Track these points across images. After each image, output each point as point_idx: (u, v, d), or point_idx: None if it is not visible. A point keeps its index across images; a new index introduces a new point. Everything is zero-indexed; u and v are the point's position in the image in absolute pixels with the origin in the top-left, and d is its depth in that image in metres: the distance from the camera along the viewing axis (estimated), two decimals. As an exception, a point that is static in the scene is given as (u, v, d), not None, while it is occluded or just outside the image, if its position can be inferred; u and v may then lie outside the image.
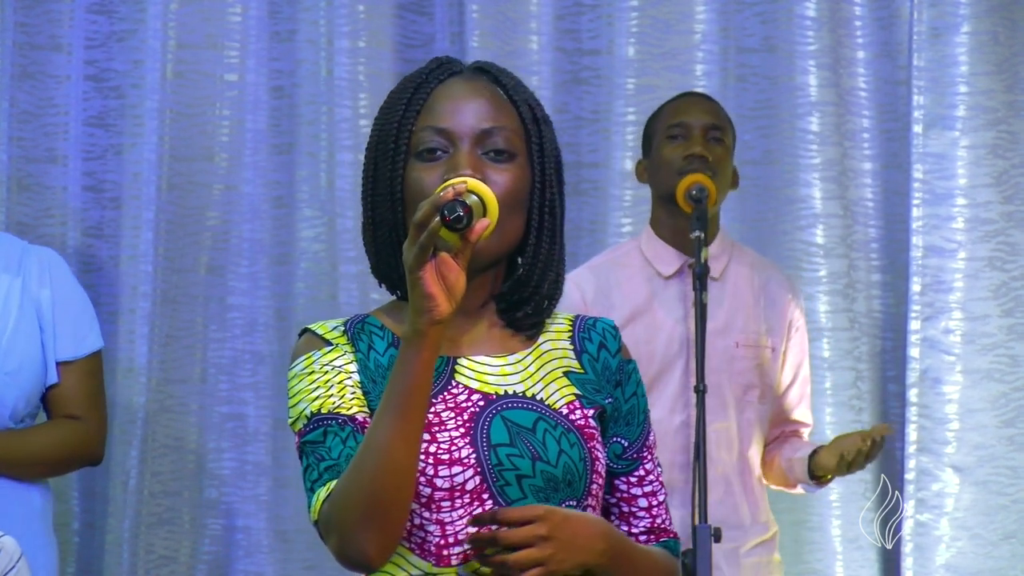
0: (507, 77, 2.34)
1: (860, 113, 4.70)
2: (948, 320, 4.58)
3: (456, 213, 2.07)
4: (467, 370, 2.28)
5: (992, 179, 4.60)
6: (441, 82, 2.31)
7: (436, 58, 2.36)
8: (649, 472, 2.35)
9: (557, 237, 2.34)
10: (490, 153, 2.27)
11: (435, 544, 2.21)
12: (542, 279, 2.33)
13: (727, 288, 3.98)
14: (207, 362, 4.68)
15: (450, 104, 2.28)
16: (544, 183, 2.31)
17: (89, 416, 3.77)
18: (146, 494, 4.59)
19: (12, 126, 4.64)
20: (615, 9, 4.72)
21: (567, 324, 2.37)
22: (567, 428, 2.25)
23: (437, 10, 4.75)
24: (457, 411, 2.24)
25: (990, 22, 4.60)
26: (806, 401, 4.08)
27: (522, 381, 2.28)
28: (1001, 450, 4.55)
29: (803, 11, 4.68)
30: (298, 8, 4.72)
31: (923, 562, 4.54)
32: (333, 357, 2.28)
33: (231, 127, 4.71)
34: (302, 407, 2.25)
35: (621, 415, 2.34)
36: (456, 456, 2.21)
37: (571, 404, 2.28)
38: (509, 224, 2.26)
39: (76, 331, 3.76)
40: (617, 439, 2.33)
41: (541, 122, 2.33)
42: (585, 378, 2.32)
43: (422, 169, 2.26)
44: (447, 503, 2.20)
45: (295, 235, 4.69)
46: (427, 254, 2.09)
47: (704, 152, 3.94)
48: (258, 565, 4.64)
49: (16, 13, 4.66)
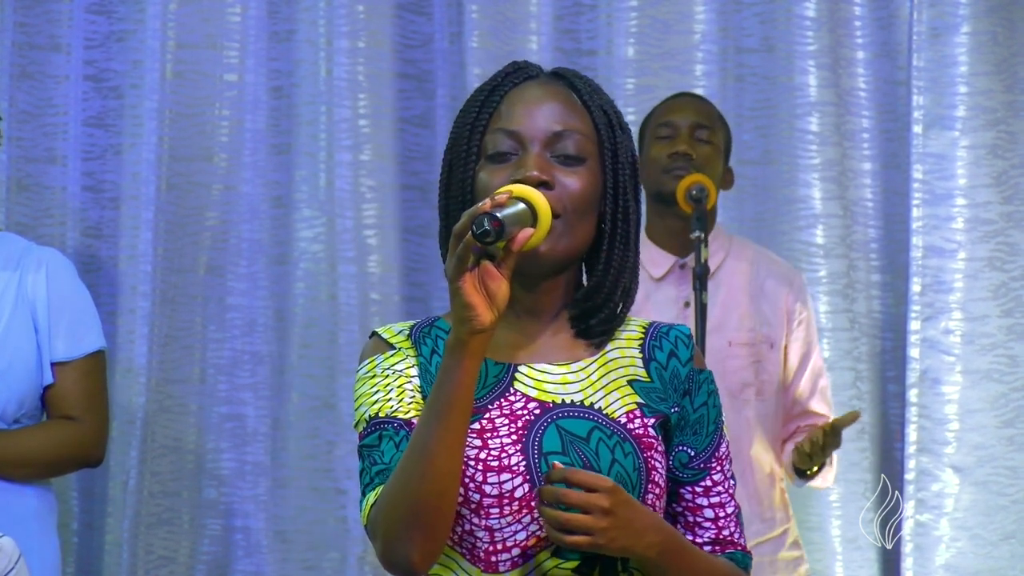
0: (583, 82, 2.33)
1: (860, 113, 4.70)
2: (948, 320, 4.58)
3: (483, 227, 2.06)
4: (527, 378, 2.27)
5: (992, 179, 4.60)
6: (516, 86, 2.31)
7: (514, 62, 2.36)
8: (717, 483, 2.32)
9: (631, 244, 2.31)
10: (560, 157, 2.26)
11: (484, 551, 2.21)
12: (615, 287, 2.30)
13: (720, 287, 3.99)
14: (206, 362, 4.68)
15: (522, 107, 2.28)
16: (617, 189, 2.29)
17: (86, 417, 3.73)
18: (145, 494, 4.59)
19: (11, 126, 4.63)
20: (614, 9, 4.72)
21: (640, 331, 2.34)
22: (623, 437, 2.24)
23: (436, 10, 4.75)
24: (512, 418, 2.23)
25: (989, 22, 4.60)
26: (820, 393, 4.05)
27: (582, 390, 2.27)
28: (1001, 450, 4.55)
29: (802, 11, 4.68)
30: (297, 8, 4.72)
31: (923, 562, 4.53)
32: (395, 361, 2.28)
33: (230, 127, 4.71)
34: (363, 411, 2.26)
35: (688, 424, 2.31)
36: (506, 463, 2.20)
37: (631, 413, 2.26)
38: (578, 228, 2.25)
39: (72, 331, 3.73)
40: (683, 448, 2.30)
41: (616, 128, 2.31)
42: (650, 386, 2.30)
43: (491, 171, 2.26)
44: (495, 510, 2.20)
45: (294, 235, 4.69)
46: (465, 264, 2.08)
47: (688, 150, 3.95)
48: (257, 565, 4.64)
49: (15, 13, 4.66)
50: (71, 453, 3.74)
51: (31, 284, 3.72)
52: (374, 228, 4.66)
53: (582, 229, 2.26)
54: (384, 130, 4.68)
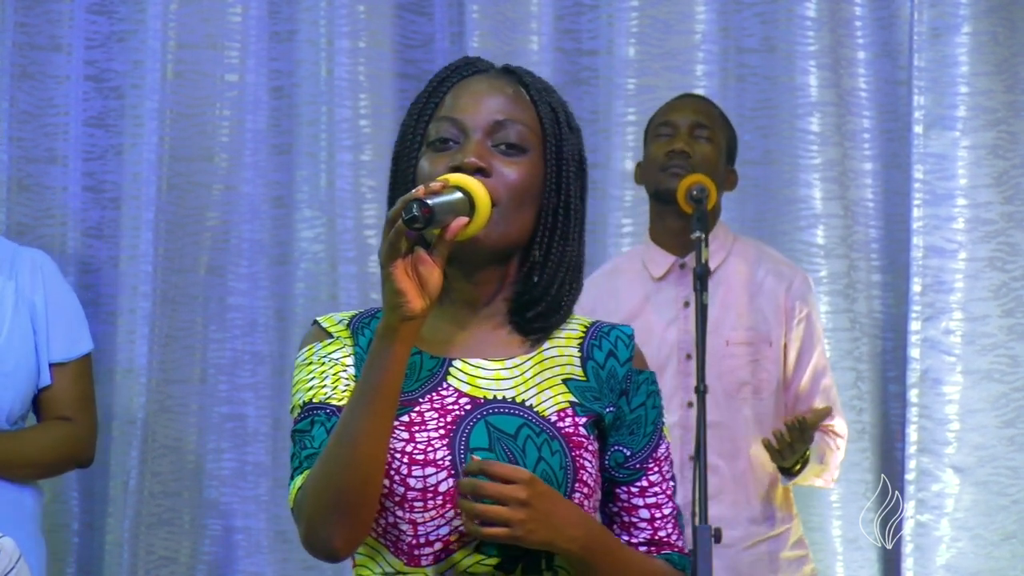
0: (533, 79, 2.33)
1: (860, 113, 4.69)
2: (948, 320, 4.58)
3: (412, 213, 2.06)
4: (461, 372, 2.26)
5: (992, 179, 4.60)
6: (464, 78, 2.31)
7: (465, 57, 2.36)
8: (654, 484, 2.30)
9: (571, 241, 2.30)
10: (501, 146, 2.25)
11: (407, 544, 2.20)
12: (551, 281, 2.29)
13: (719, 286, 3.98)
14: (207, 362, 4.68)
15: (467, 97, 2.28)
16: (559, 184, 2.28)
17: (80, 418, 3.78)
18: (146, 494, 4.59)
19: (12, 126, 4.64)
20: (615, 9, 4.72)
21: (581, 330, 2.34)
22: (551, 435, 2.23)
23: (437, 10, 4.75)
24: (442, 413, 2.23)
25: (990, 22, 4.60)
26: (823, 393, 4.03)
27: (515, 387, 2.26)
28: (1001, 450, 4.55)
29: (803, 11, 4.68)
30: (298, 8, 4.72)
31: (923, 562, 4.53)
32: (332, 350, 2.28)
33: (231, 127, 4.71)
34: (298, 397, 2.26)
35: (625, 424, 2.30)
36: (431, 457, 2.20)
37: (562, 412, 2.25)
38: (515, 218, 2.24)
39: (69, 333, 3.76)
40: (619, 448, 2.29)
41: (564, 126, 2.30)
42: (585, 385, 2.29)
43: (431, 158, 2.25)
44: (419, 503, 2.19)
45: (295, 235, 4.69)
46: (397, 249, 2.08)
47: (686, 148, 3.95)
48: (258, 565, 4.64)
49: (16, 13, 4.66)
50: (69, 453, 3.78)
51: (28, 286, 3.74)
52: (375, 228, 4.66)
53: (519, 219, 2.25)
54: (385, 130, 4.68)
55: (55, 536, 4.59)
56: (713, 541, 3.49)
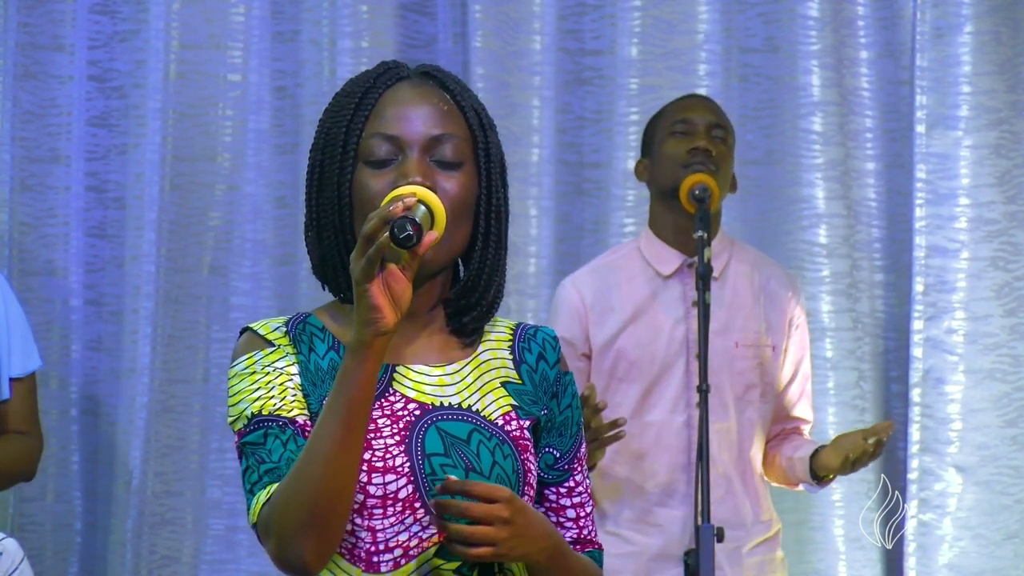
0: (453, 82, 2.34)
1: (863, 113, 4.70)
2: (951, 320, 4.58)
3: (407, 232, 2.08)
4: (405, 379, 2.28)
5: (995, 179, 4.60)
6: (389, 87, 2.31)
7: (383, 62, 2.36)
8: (579, 484, 2.35)
9: (502, 243, 2.33)
10: (439, 162, 2.27)
11: (366, 551, 2.21)
12: (488, 285, 2.32)
13: (727, 288, 3.98)
14: (210, 362, 4.68)
15: (399, 110, 2.28)
16: (491, 190, 2.31)
17: (32, 432, 3.87)
18: (149, 494, 4.59)
19: (15, 126, 4.64)
20: (618, 9, 4.72)
21: (508, 333, 2.37)
22: (502, 440, 2.26)
23: (440, 10, 4.75)
24: (393, 419, 2.24)
25: (992, 22, 4.60)
26: (807, 398, 4.07)
27: (458, 392, 2.28)
28: (1004, 450, 4.55)
29: (806, 11, 4.68)
30: (301, 8, 4.72)
31: (926, 562, 4.54)
32: (275, 358, 2.28)
33: (234, 127, 4.72)
34: (243, 407, 2.25)
35: (555, 426, 2.34)
36: (390, 464, 2.21)
37: (507, 415, 2.28)
38: (457, 232, 2.26)
39: (24, 348, 3.86)
40: (549, 449, 2.33)
41: (487, 128, 2.33)
42: (522, 389, 2.32)
43: (371, 176, 2.26)
44: (379, 510, 2.21)
45: (298, 235, 4.68)
46: (375, 267, 2.09)
47: (708, 146, 3.94)
48: (260, 565, 4.64)
49: (19, 13, 4.66)
50: (25, 467, 3.88)
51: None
52: (377, 228, 4.65)
53: (461, 232, 2.28)
54: (387, 130, 4.68)
55: (58, 536, 4.59)
56: (716, 540, 3.50)
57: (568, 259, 4.66)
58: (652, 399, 3.93)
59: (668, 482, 3.92)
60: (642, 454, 3.92)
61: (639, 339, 3.92)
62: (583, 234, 4.72)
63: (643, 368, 3.93)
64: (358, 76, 2.35)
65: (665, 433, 3.90)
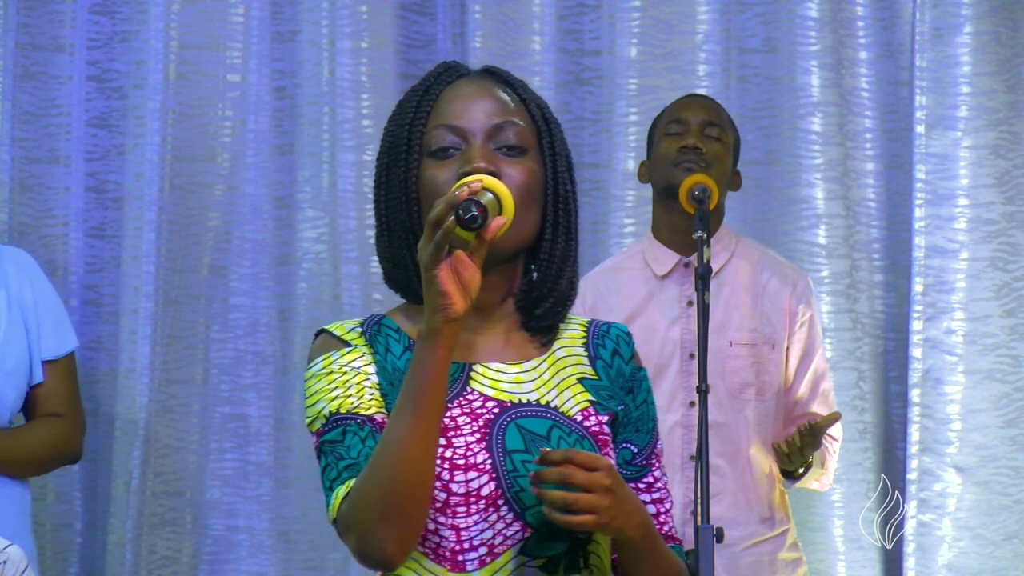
0: (514, 79, 2.36)
1: (862, 113, 4.70)
2: (950, 320, 4.58)
3: (471, 213, 2.07)
4: (482, 377, 2.27)
5: (994, 179, 4.60)
6: (449, 84, 2.32)
7: (443, 62, 2.36)
8: (657, 480, 2.34)
9: (572, 235, 2.34)
10: (502, 148, 2.27)
11: (450, 549, 2.20)
12: (558, 277, 2.32)
13: (723, 287, 3.99)
14: (209, 362, 4.68)
15: (460, 103, 2.29)
16: (557, 180, 2.32)
17: (71, 414, 3.83)
18: (148, 494, 4.59)
19: (14, 127, 4.64)
20: (617, 10, 4.72)
21: (581, 330, 2.36)
22: (581, 435, 2.25)
23: (439, 11, 4.75)
24: (472, 416, 2.24)
25: (992, 22, 4.60)
26: (822, 396, 4.04)
27: (536, 389, 2.28)
28: (1003, 450, 4.56)
29: (805, 12, 4.68)
30: (300, 9, 4.72)
31: (925, 562, 4.54)
32: (352, 358, 2.27)
33: (233, 128, 4.72)
34: (320, 407, 2.25)
35: (631, 421, 2.33)
36: (472, 461, 2.20)
37: (585, 411, 2.28)
38: (523, 219, 2.25)
39: (57, 330, 3.81)
40: (627, 445, 2.32)
41: (551, 122, 2.34)
42: (599, 384, 2.32)
43: (436, 167, 2.26)
44: (462, 508, 2.20)
45: (297, 236, 4.69)
46: (442, 252, 2.08)
47: (699, 144, 3.95)
48: (260, 565, 4.64)
49: (18, 14, 4.66)
50: (64, 450, 3.83)
51: (16, 285, 3.77)
52: (377, 229, 4.66)
53: (527, 220, 2.27)
54: (387, 131, 4.68)
55: (58, 536, 4.59)
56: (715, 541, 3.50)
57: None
58: (647, 399, 3.93)
59: (662, 481, 3.92)
60: (636, 454, 3.92)
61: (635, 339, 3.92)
62: (583, 235, 4.64)
63: (637, 368, 3.93)
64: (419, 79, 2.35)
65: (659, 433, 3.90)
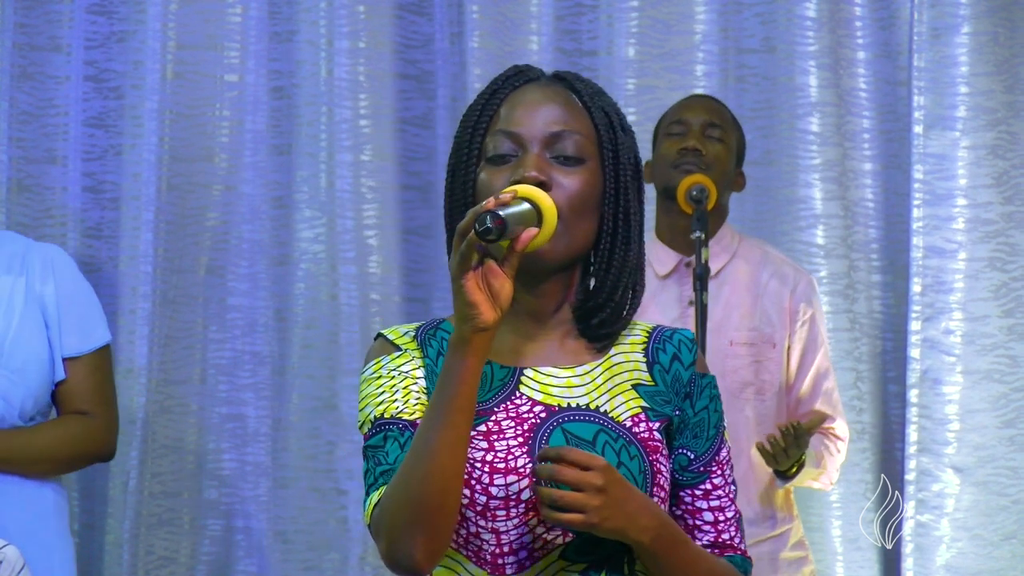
0: (584, 84, 2.33)
1: (860, 114, 4.70)
2: (948, 321, 4.58)
3: (485, 225, 2.06)
4: (532, 381, 2.27)
5: (992, 180, 4.60)
6: (516, 88, 2.32)
7: (515, 65, 2.36)
8: (717, 487, 2.32)
9: (632, 245, 2.31)
10: (560, 157, 2.27)
11: (490, 553, 2.21)
12: (615, 286, 2.30)
13: (724, 287, 3.99)
14: (207, 363, 4.68)
15: (522, 109, 2.29)
16: (618, 190, 2.30)
17: (97, 411, 3.79)
18: (146, 495, 4.59)
19: (12, 127, 4.64)
20: (615, 10, 4.72)
21: (644, 335, 2.35)
22: (628, 441, 2.24)
23: (437, 11, 4.75)
24: (518, 421, 2.24)
25: (990, 23, 4.60)
26: (825, 395, 4.05)
27: (587, 394, 2.27)
28: (1001, 450, 4.55)
29: (803, 12, 4.68)
30: (298, 9, 4.72)
31: (923, 562, 4.53)
32: (401, 362, 2.29)
33: (231, 128, 4.72)
34: (368, 411, 2.26)
35: (688, 427, 2.32)
36: (512, 465, 2.20)
37: (636, 417, 2.27)
38: (578, 228, 2.25)
39: (82, 326, 3.78)
40: (683, 451, 2.31)
41: (618, 129, 2.32)
42: (654, 390, 2.30)
43: (491, 172, 2.27)
44: (502, 512, 2.20)
45: (295, 236, 4.69)
46: (468, 262, 2.09)
47: (698, 146, 3.96)
48: (258, 566, 4.64)
49: (16, 14, 4.66)
50: (87, 448, 3.79)
51: (39, 281, 3.75)
52: (374, 229, 4.66)
53: (581, 230, 2.26)
54: (384, 130, 4.68)
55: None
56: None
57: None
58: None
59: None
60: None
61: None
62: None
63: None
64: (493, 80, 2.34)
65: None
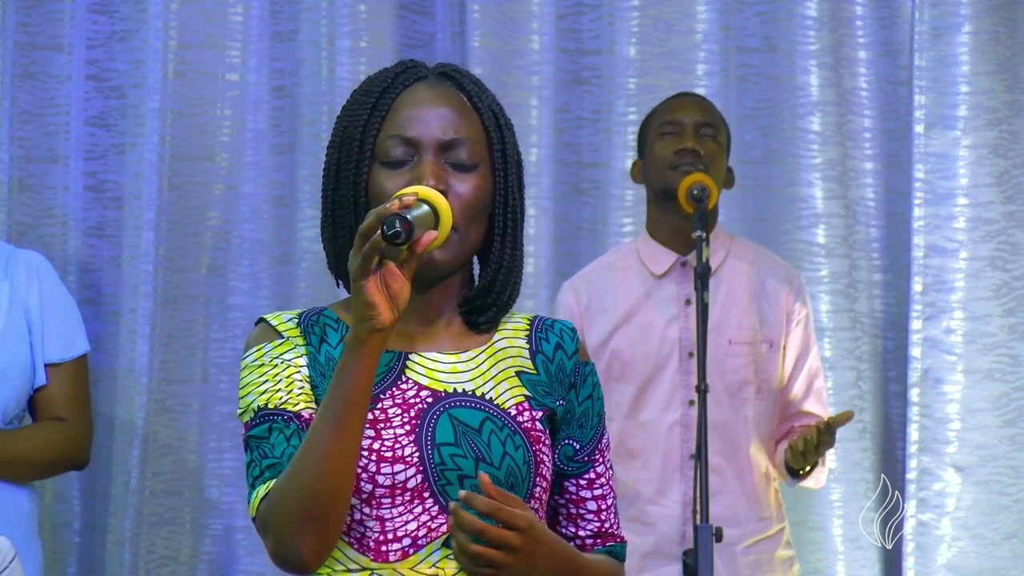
0: (471, 83, 2.35)
1: (861, 113, 4.70)
2: (949, 320, 4.58)
3: (395, 228, 2.08)
4: (418, 366, 2.29)
5: (993, 179, 4.60)
6: (406, 87, 2.32)
7: (401, 61, 2.37)
8: (600, 475, 2.35)
9: (518, 243, 2.35)
10: (454, 164, 2.29)
11: (374, 540, 2.22)
12: (504, 286, 2.34)
13: (721, 286, 3.99)
14: (208, 362, 4.68)
15: (415, 111, 2.30)
16: (507, 191, 2.33)
17: (75, 419, 3.80)
18: (147, 494, 4.59)
19: (13, 126, 4.63)
20: (616, 9, 4.72)
21: (525, 324, 2.38)
22: (513, 430, 2.26)
23: (438, 10, 4.75)
24: (404, 407, 2.25)
25: (991, 22, 4.60)
26: (817, 395, 4.06)
27: (472, 379, 2.29)
28: (1002, 450, 4.55)
29: (804, 11, 4.68)
30: (299, 8, 4.72)
31: (924, 562, 4.54)
32: (284, 350, 2.29)
33: (232, 127, 4.72)
34: (250, 400, 2.27)
35: (574, 417, 2.34)
36: (399, 454, 2.22)
37: (520, 405, 2.29)
38: (471, 233, 2.28)
39: (64, 334, 3.79)
40: (569, 441, 2.33)
41: (504, 128, 2.34)
42: (537, 379, 2.32)
43: (387, 176, 2.28)
44: (387, 500, 2.21)
45: (296, 235, 4.69)
46: (370, 264, 2.10)
47: (696, 146, 3.96)
48: (259, 565, 4.64)
49: (17, 13, 4.66)
50: (64, 454, 3.80)
51: (23, 287, 3.76)
52: (375, 228, 4.66)
53: (474, 234, 2.29)
54: (385, 130, 4.68)
55: (56, 535, 4.59)
56: (714, 540, 3.50)
57: (567, 259, 4.67)
58: (646, 398, 3.94)
59: (661, 481, 3.93)
60: (635, 453, 3.94)
61: (632, 339, 3.94)
62: (581, 234, 4.72)
63: (636, 368, 3.94)
64: (376, 74, 2.35)
65: (658, 432, 3.92)
